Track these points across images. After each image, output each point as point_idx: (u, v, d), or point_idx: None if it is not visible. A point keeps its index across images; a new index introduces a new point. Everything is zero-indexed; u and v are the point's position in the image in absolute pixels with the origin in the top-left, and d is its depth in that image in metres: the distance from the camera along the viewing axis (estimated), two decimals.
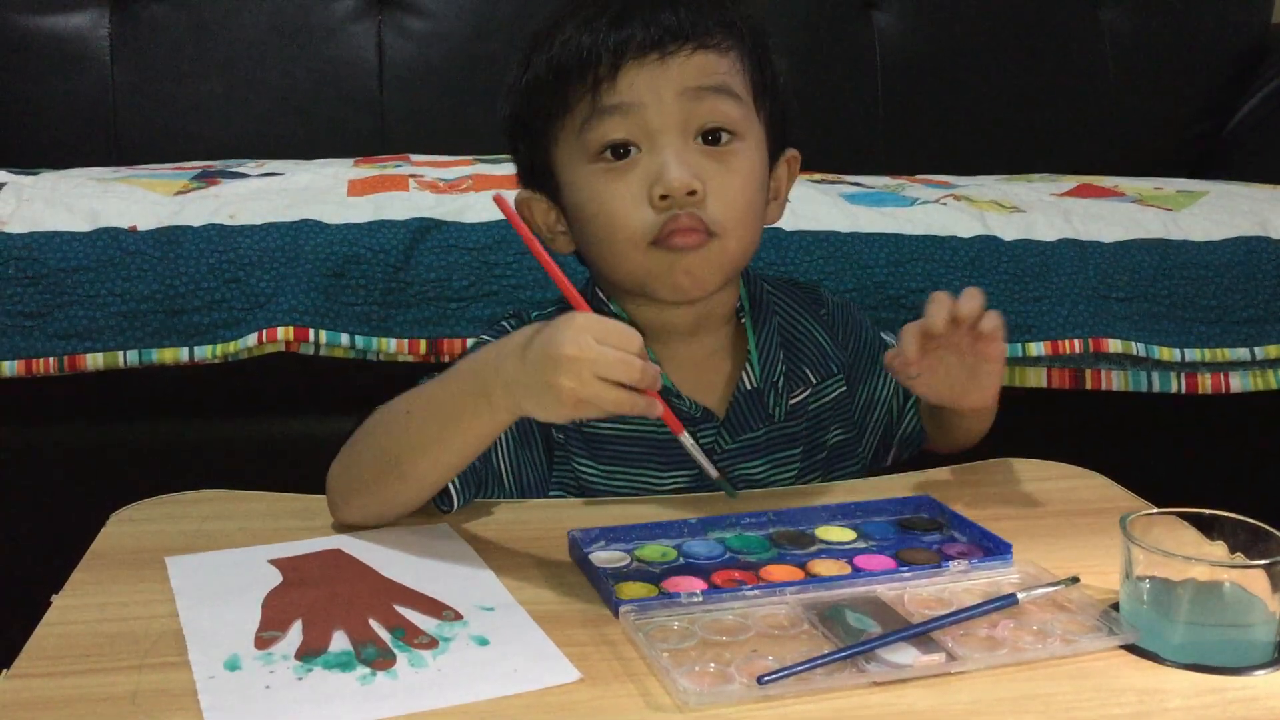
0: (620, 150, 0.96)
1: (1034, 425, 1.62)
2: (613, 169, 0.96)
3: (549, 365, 0.80)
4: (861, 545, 0.89)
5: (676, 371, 1.03)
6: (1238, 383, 1.57)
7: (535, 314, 1.06)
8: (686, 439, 0.86)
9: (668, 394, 1.01)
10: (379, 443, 0.91)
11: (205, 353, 1.45)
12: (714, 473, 0.87)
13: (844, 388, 1.11)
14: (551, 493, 1.02)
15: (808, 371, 1.09)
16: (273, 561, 0.85)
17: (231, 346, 1.45)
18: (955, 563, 0.83)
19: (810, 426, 1.08)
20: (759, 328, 1.07)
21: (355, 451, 0.92)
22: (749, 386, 1.05)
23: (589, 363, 0.79)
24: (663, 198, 0.94)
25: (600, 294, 1.06)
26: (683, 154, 0.95)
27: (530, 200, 1.05)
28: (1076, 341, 1.53)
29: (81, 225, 1.47)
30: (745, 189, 0.98)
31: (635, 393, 0.80)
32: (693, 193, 0.94)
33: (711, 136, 0.97)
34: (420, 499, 0.91)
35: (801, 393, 1.08)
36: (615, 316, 1.03)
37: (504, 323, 1.07)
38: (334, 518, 0.92)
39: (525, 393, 0.82)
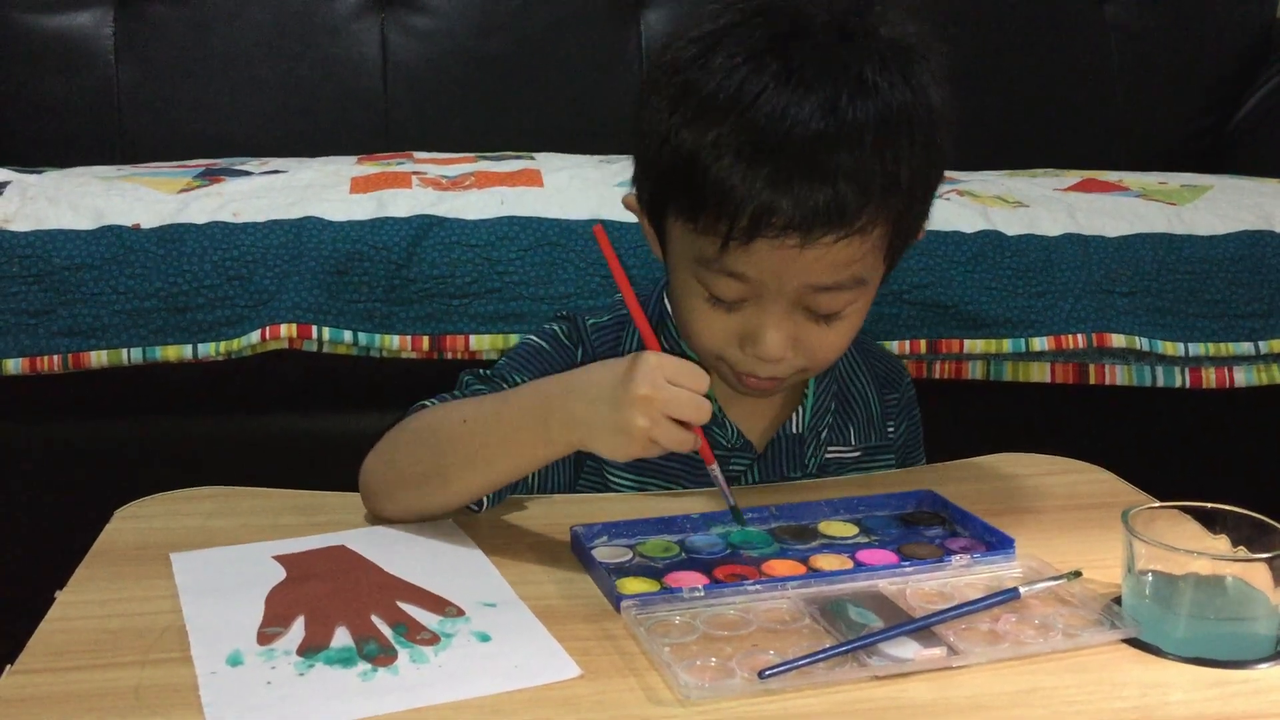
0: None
1: (1037, 420, 1.62)
2: (714, 301, 0.91)
3: (622, 404, 0.80)
4: (864, 540, 0.89)
5: (726, 397, 1.01)
6: (1242, 377, 1.57)
7: (590, 320, 1.04)
8: (715, 470, 0.87)
9: (713, 424, 1.00)
10: (428, 447, 0.90)
11: (209, 350, 1.46)
12: (731, 502, 0.88)
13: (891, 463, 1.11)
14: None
15: (851, 432, 1.07)
16: (277, 558, 0.85)
17: (235, 344, 1.45)
18: (957, 557, 0.83)
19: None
20: (820, 377, 1.05)
21: (400, 450, 0.92)
22: (794, 430, 1.04)
23: (662, 402, 0.80)
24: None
25: (669, 317, 1.02)
26: (784, 322, 0.90)
27: (634, 201, 0.98)
28: (1080, 336, 1.53)
29: (85, 223, 1.48)
30: (842, 341, 0.94)
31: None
32: (782, 358, 0.91)
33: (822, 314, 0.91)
34: (460, 504, 0.91)
35: (840, 450, 1.07)
36: (682, 352, 0.99)
37: (553, 325, 1.05)
38: (370, 510, 0.93)
39: (592, 431, 0.83)
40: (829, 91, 0.83)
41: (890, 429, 1.11)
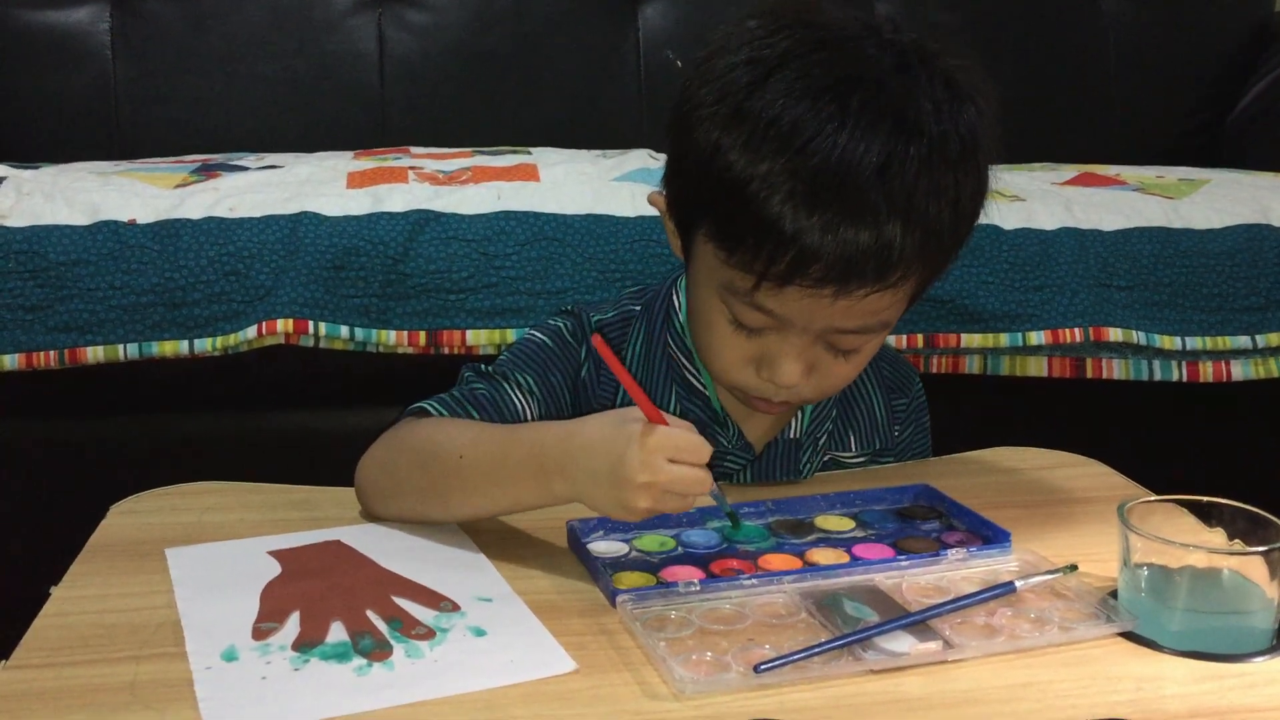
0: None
1: (1034, 414, 1.62)
2: (736, 325, 0.90)
3: (623, 487, 0.79)
4: (860, 534, 0.89)
5: (729, 396, 1.00)
6: (1239, 371, 1.57)
7: (595, 317, 1.03)
8: (715, 488, 0.85)
9: (714, 422, 1.00)
10: (425, 470, 0.90)
11: (205, 345, 1.45)
12: (728, 508, 0.87)
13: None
14: None
15: (852, 439, 1.07)
16: (272, 553, 0.85)
17: (231, 339, 1.45)
18: (953, 551, 0.83)
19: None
20: None
21: (395, 460, 0.92)
22: (791, 435, 1.03)
23: (664, 484, 0.79)
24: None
25: (676, 314, 1.02)
26: (804, 353, 0.89)
27: (661, 201, 0.97)
28: (1077, 330, 1.53)
29: (81, 219, 1.47)
30: (854, 373, 0.94)
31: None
32: (797, 385, 0.91)
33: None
34: (459, 522, 0.91)
35: (845, 456, 1.07)
36: (688, 351, 1.00)
37: (557, 320, 1.04)
38: (363, 508, 0.93)
39: (594, 502, 0.82)
40: (885, 142, 0.81)
41: (896, 434, 1.10)
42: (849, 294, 0.84)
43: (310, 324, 1.45)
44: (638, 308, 1.04)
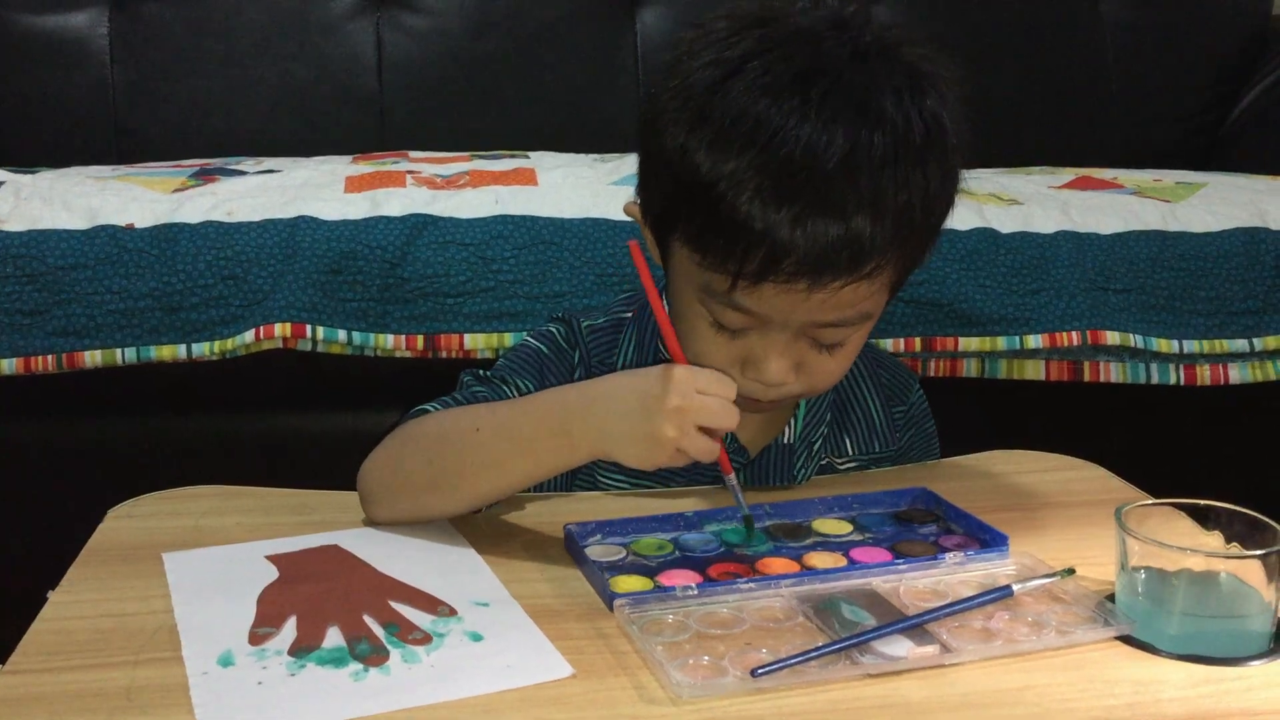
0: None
1: (1032, 417, 1.62)
2: (718, 327, 0.90)
3: (653, 416, 0.80)
4: (858, 538, 0.89)
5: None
6: (1236, 374, 1.57)
7: (586, 323, 1.03)
8: (731, 479, 0.86)
9: None
10: (436, 453, 0.90)
11: (203, 349, 1.46)
12: (745, 511, 0.87)
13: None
14: None
15: (848, 443, 1.07)
16: (269, 557, 0.85)
17: (229, 343, 1.45)
18: (951, 555, 0.83)
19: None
20: None
21: (402, 455, 0.92)
22: (785, 440, 1.03)
23: (693, 413, 0.80)
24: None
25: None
26: (788, 350, 0.89)
27: (636, 210, 0.97)
28: (1074, 334, 1.53)
29: (79, 223, 1.47)
30: (842, 368, 0.94)
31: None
32: (783, 384, 0.91)
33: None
34: (465, 511, 0.91)
35: (842, 461, 1.06)
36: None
37: (550, 327, 1.04)
38: (368, 514, 0.92)
39: (620, 440, 0.83)
40: (848, 132, 0.81)
41: (896, 439, 1.10)
42: (823, 287, 0.84)
43: (308, 328, 1.45)
44: (629, 314, 1.04)
